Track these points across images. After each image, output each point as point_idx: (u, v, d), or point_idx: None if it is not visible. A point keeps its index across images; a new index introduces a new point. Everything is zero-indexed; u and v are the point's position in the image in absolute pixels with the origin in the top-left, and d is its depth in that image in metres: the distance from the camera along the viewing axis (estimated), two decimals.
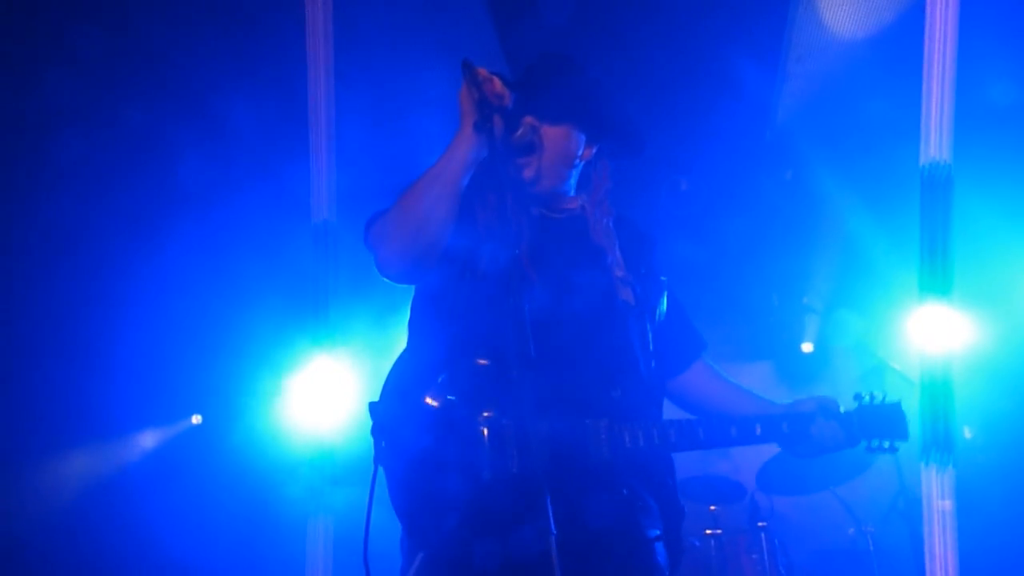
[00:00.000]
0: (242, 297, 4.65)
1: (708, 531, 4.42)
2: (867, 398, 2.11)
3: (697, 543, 4.45)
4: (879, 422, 2.08)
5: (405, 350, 2.04)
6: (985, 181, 4.02)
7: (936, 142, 3.27)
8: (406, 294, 2.15)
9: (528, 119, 2.03)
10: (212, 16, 3.87)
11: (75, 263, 4.28)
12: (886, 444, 2.09)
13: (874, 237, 4.93)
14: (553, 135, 2.06)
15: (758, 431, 2.00)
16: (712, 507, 4.60)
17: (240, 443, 4.72)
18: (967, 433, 5.20)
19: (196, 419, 5.01)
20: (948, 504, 4.61)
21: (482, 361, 1.86)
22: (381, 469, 1.89)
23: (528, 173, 2.02)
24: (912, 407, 2.28)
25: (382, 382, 1.98)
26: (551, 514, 1.49)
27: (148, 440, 4.74)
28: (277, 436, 4.89)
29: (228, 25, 3.92)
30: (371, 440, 1.92)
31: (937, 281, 3.59)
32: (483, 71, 1.89)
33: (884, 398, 2.11)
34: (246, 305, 4.67)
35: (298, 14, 3.47)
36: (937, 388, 3.30)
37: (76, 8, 3.61)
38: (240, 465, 4.62)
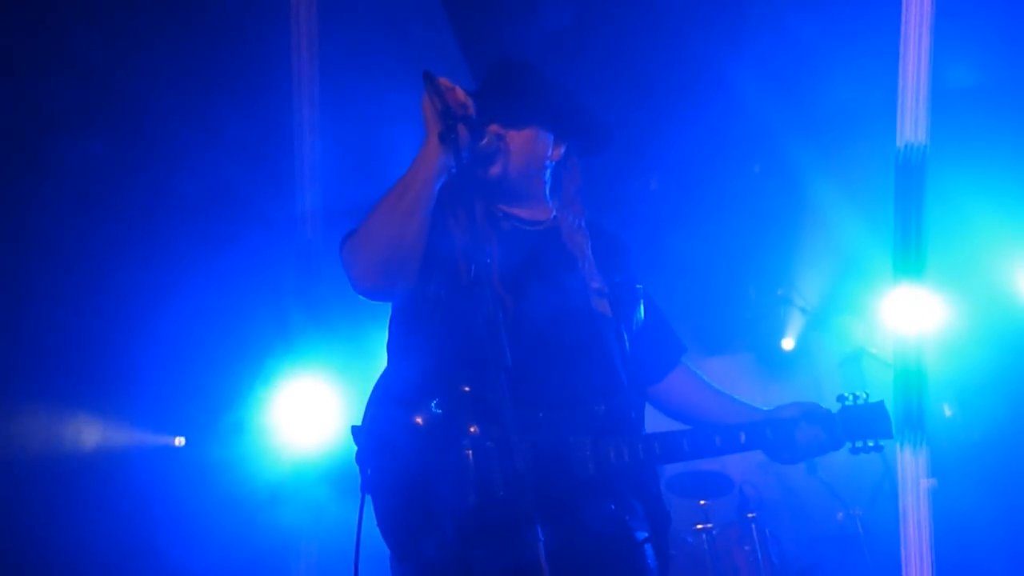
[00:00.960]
0: (224, 316, 4.61)
1: (699, 526, 4.45)
2: (850, 399, 2.11)
3: (689, 539, 4.47)
4: (863, 422, 2.10)
5: (385, 371, 2.02)
6: (958, 161, 4.08)
7: (912, 125, 3.32)
8: (386, 312, 2.14)
9: (492, 127, 2.03)
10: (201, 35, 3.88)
11: (48, 283, 4.24)
12: (870, 443, 2.10)
13: (848, 222, 4.98)
14: (519, 139, 2.06)
15: (742, 439, 2.01)
16: (702, 502, 4.63)
17: (224, 464, 4.67)
18: (947, 411, 5.27)
19: (179, 441, 4.94)
20: (926, 483, 4.70)
21: (465, 388, 1.86)
22: (368, 497, 1.88)
23: (497, 174, 2.02)
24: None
25: (363, 402, 1.97)
26: (540, 534, 1.49)
27: (129, 462, 4.68)
28: (261, 456, 4.85)
29: (216, 44, 3.93)
30: (355, 463, 1.91)
31: (911, 263, 3.64)
32: (444, 81, 1.89)
33: (867, 398, 2.12)
34: (228, 325, 4.64)
35: (283, 37, 3.48)
36: (910, 369, 3.35)
37: (73, 14, 3.58)
38: (224, 487, 4.58)
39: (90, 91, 3.86)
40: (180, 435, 4.92)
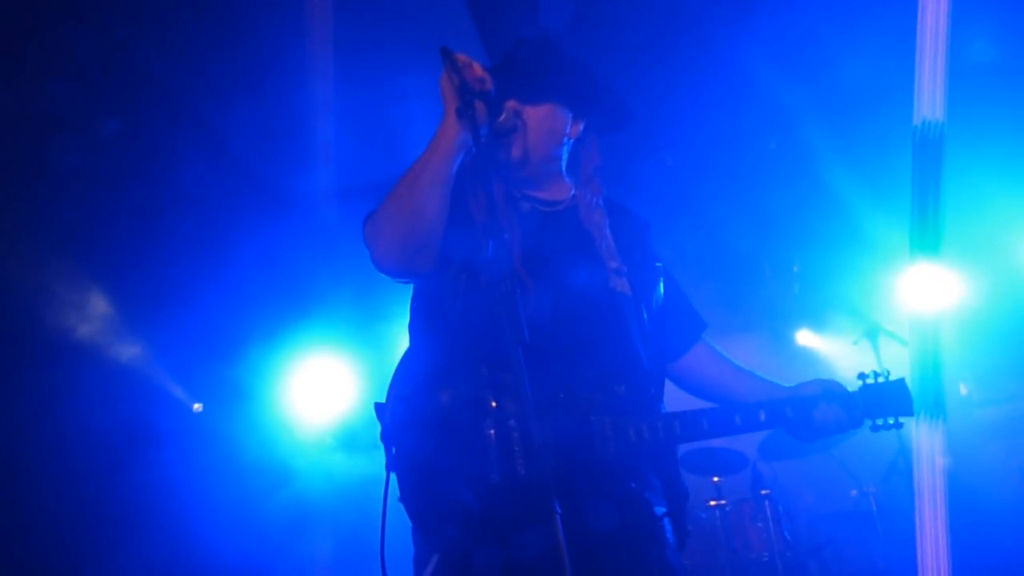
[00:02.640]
0: (243, 292, 4.66)
1: (712, 502, 4.47)
2: (871, 377, 2.10)
3: (703, 515, 4.49)
4: (883, 400, 2.09)
5: (407, 352, 2.03)
6: (973, 137, 4.03)
7: (929, 101, 3.28)
8: (404, 293, 2.14)
9: (511, 103, 2.03)
10: (212, 23, 3.88)
11: (79, 260, 4.30)
12: (891, 421, 2.09)
13: (865, 199, 4.94)
14: (537, 115, 2.06)
15: (762, 417, 2.00)
16: (715, 479, 4.64)
17: (238, 432, 4.75)
18: (963, 390, 5.25)
19: (197, 407, 5.01)
20: (941, 461, 4.70)
21: (485, 367, 1.85)
22: (393, 475, 1.89)
23: (515, 152, 2.02)
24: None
25: (381, 379, 1.98)
26: (559, 514, 1.50)
27: (150, 424, 4.76)
28: (275, 427, 4.92)
29: (227, 30, 3.93)
30: (368, 438, 1.92)
31: (928, 241, 3.61)
32: (462, 57, 1.88)
33: (887, 376, 2.11)
34: (247, 300, 4.69)
35: (296, 24, 3.47)
36: (926, 346, 3.33)
37: (73, 15, 3.59)
38: (241, 455, 4.65)
39: (106, 71, 3.88)
40: (198, 401, 5.00)
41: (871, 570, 4.78)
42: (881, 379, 2.10)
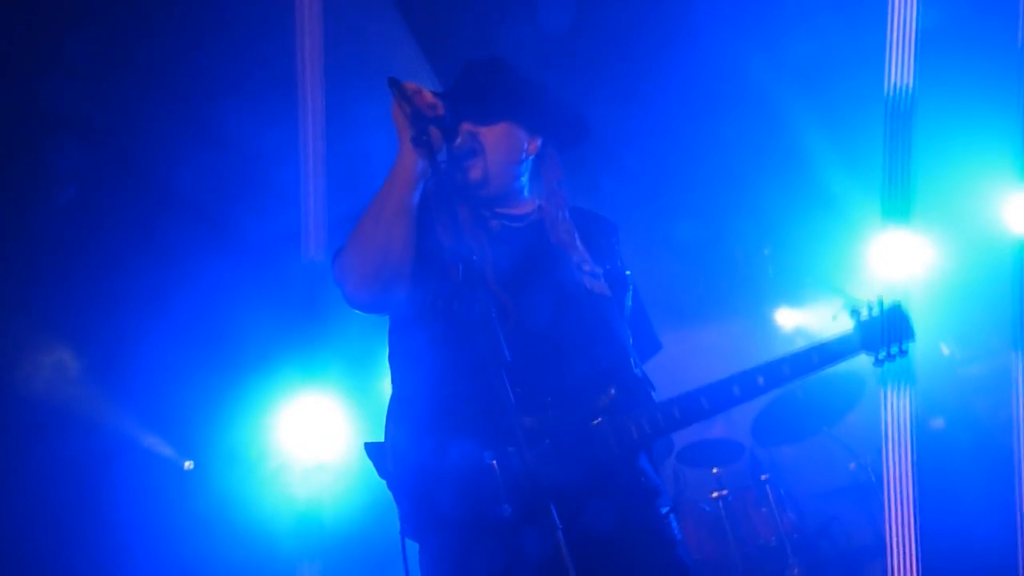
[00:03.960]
0: (230, 338, 4.60)
1: (715, 494, 4.47)
2: (864, 312, 2.04)
3: (707, 508, 4.49)
4: (882, 331, 2.02)
5: (393, 388, 2.03)
6: (942, 103, 4.05)
7: (900, 70, 3.29)
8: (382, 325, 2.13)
9: (466, 125, 2.02)
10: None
11: (53, 321, 4.23)
12: (894, 349, 2.02)
13: (834, 169, 4.93)
14: (493, 135, 2.06)
15: (761, 382, 1.96)
16: (714, 470, 4.65)
17: (232, 487, 4.67)
18: (944, 350, 5.31)
19: (188, 464, 4.93)
20: (936, 422, 4.74)
21: (470, 396, 1.82)
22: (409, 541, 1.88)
23: (475, 174, 2.02)
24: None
25: (368, 417, 1.97)
26: (560, 528, 1.49)
27: (140, 486, 4.68)
28: (268, 477, 4.84)
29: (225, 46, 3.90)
30: (363, 479, 1.92)
31: (900, 208, 3.64)
32: (411, 85, 1.89)
33: (881, 305, 2.03)
34: (234, 346, 4.63)
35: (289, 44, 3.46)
36: (896, 308, 3.36)
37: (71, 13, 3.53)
38: (234, 510, 4.58)
39: (89, 92, 3.81)
40: (189, 458, 4.91)
41: (879, 540, 4.80)
42: (876, 311, 2.03)
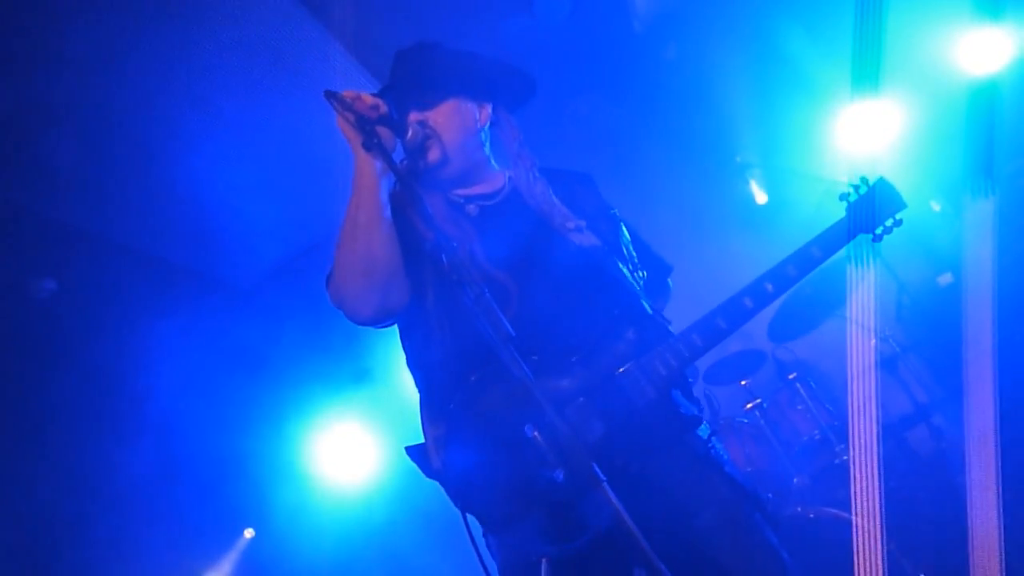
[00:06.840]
0: (270, 399, 4.63)
1: (749, 405, 4.51)
2: (852, 194, 2.10)
3: (746, 420, 4.53)
4: (872, 208, 2.08)
5: (419, 391, 2.04)
6: None
7: None
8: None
9: (413, 115, 2.01)
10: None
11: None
12: (889, 222, 2.09)
13: (798, 44, 4.88)
14: (442, 116, 2.06)
15: (770, 288, 2.00)
16: (743, 382, 4.69)
17: (294, 547, 4.72)
18: (935, 207, 5.32)
19: (249, 533, 4.97)
20: (943, 279, 4.76)
21: (489, 375, 1.82)
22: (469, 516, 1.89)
23: (433, 155, 2.01)
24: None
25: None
26: (604, 481, 1.51)
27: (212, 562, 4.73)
28: (327, 530, 4.88)
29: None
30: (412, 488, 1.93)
31: (869, 74, 3.61)
32: (348, 92, 1.88)
33: (866, 183, 2.10)
34: (275, 405, 4.65)
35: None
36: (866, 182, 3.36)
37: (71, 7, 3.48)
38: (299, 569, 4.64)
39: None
40: (249, 527, 4.96)
41: (916, 407, 4.85)
42: (862, 190, 2.09)
